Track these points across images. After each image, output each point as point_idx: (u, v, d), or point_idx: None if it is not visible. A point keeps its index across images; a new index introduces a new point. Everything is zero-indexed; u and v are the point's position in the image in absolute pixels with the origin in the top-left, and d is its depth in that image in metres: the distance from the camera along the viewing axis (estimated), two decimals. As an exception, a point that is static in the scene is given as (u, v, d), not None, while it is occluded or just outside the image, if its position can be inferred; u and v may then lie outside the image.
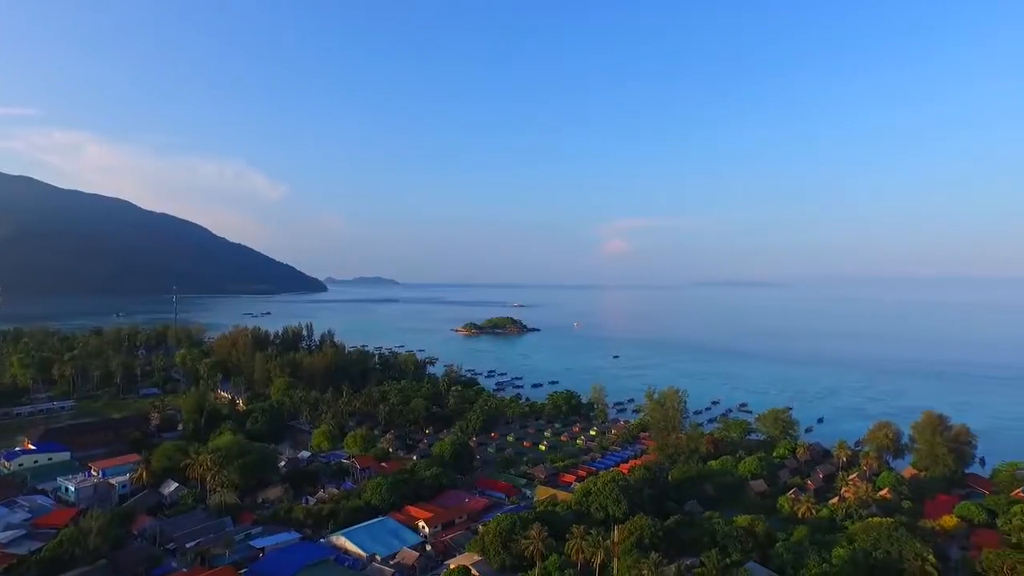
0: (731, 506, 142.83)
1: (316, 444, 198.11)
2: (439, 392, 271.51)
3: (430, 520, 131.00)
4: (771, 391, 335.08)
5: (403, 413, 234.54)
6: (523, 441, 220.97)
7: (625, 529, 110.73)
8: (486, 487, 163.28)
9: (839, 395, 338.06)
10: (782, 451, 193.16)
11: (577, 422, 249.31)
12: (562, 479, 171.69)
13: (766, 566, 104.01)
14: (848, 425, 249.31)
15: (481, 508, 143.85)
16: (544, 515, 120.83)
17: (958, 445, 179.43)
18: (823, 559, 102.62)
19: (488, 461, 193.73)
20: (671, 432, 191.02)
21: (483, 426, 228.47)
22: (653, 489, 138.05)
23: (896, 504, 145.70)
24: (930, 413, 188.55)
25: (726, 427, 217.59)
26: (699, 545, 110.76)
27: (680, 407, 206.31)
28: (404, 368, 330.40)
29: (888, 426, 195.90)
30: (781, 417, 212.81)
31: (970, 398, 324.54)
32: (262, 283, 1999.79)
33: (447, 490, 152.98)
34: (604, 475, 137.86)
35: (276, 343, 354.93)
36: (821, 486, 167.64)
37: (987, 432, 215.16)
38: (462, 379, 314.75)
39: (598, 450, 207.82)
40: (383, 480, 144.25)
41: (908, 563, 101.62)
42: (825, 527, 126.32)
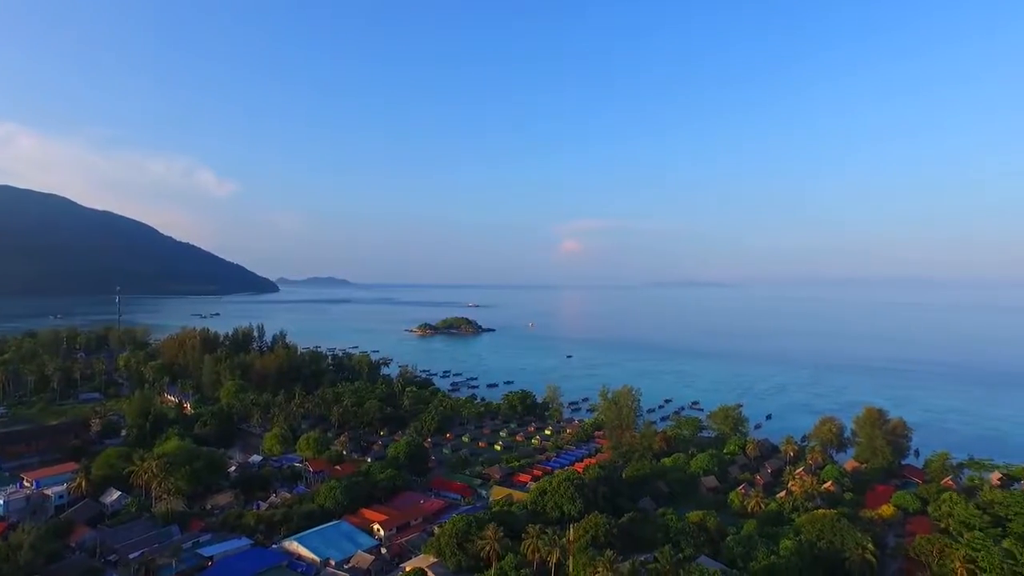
0: (684, 502, 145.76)
1: (268, 448, 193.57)
2: (393, 393, 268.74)
3: (385, 523, 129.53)
4: (722, 389, 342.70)
5: (357, 415, 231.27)
6: (478, 441, 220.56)
7: (580, 527, 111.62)
8: (441, 488, 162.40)
9: (787, 392, 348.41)
10: (732, 448, 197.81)
11: (532, 422, 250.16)
12: (517, 479, 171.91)
13: (718, 559, 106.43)
14: (795, 421, 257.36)
15: (437, 509, 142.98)
16: (500, 515, 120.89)
17: (895, 438, 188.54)
18: (771, 551, 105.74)
19: (443, 462, 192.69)
20: (625, 430, 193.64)
21: (438, 427, 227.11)
22: (607, 487, 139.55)
23: (839, 496, 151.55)
24: (870, 408, 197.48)
25: (679, 425, 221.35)
26: (653, 541, 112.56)
27: (634, 406, 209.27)
28: (358, 369, 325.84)
29: (832, 421, 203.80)
30: (731, 414, 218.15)
31: (907, 393, 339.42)
32: (211, 283, 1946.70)
33: (402, 492, 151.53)
34: (559, 474, 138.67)
35: (226, 345, 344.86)
36: (770, 481, 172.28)
37: (921, 425, 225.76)
38: (417, 380, 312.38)
39: (553, 449, 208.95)
40: (337, 483, 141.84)
41: (850, 552, 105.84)
42: (773, 520, 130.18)
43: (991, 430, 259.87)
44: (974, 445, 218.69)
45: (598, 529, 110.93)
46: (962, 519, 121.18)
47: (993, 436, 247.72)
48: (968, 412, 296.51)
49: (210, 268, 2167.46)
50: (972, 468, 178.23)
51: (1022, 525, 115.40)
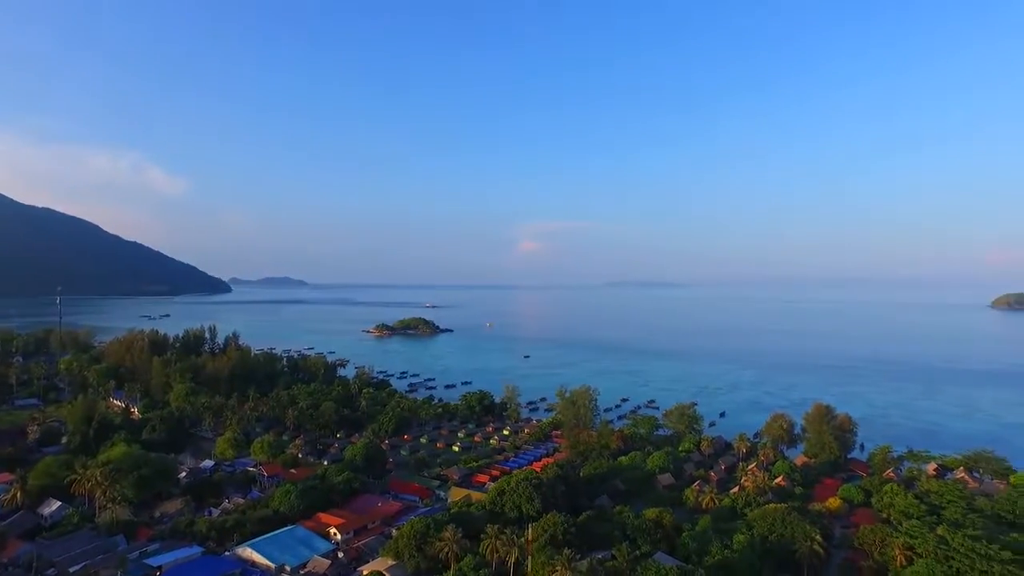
0: (640, 500, 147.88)
1: (220, 452, 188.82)
2: (350, 395, 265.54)
3: (342, 526, 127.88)
4: (677, 388, 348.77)
5: (313, 417, 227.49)
6: (436, 442, 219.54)
7: (539, 527, 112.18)
8: (399, 490, 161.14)
9: (739, 390, 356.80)
10: (687, 445, 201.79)
11: (490, 422, 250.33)
12: (476, 479, 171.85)
13: (673, 555, 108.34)
14: (747, 418, 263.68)
15: (395, 512, 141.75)
16: (458, 516, 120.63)
17: (842, 433, 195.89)
18: (725, 546, 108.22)
19: (401, 464, 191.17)
20: (582, 430, 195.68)
21: (396, 428, 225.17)
22: (565, 486, 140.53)
23: (789, 490, 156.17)
24: (818, 404, 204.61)
25: (635, 423, 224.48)
26: (610, 539, 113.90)
27: (591, 405, 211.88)
28: (314, 371, 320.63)
29: (783, 418, 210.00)
30: (686, 413, 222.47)
31: (852, 389, 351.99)
32: (160, 283, 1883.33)
33: (359, 495, 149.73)
34: (517, 474, 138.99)
35: (176, 347, 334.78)
36: (723, 477, 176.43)
37: (865, 420, 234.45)
38: (374, 381, 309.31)
39: (511, 449, 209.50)
40: (292, 487, 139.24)
41: (799, 544, 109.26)
42: (727, 515, 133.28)
43: (928, 423, 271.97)
44: (913, 438, 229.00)
45: (556, 528, 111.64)
46: (902, 509, 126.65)
47: (930, 429, 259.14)
48: (907, 407, 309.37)
49: (159, 268, 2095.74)
50: (911, 460, 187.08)
51: (954, 512, 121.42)
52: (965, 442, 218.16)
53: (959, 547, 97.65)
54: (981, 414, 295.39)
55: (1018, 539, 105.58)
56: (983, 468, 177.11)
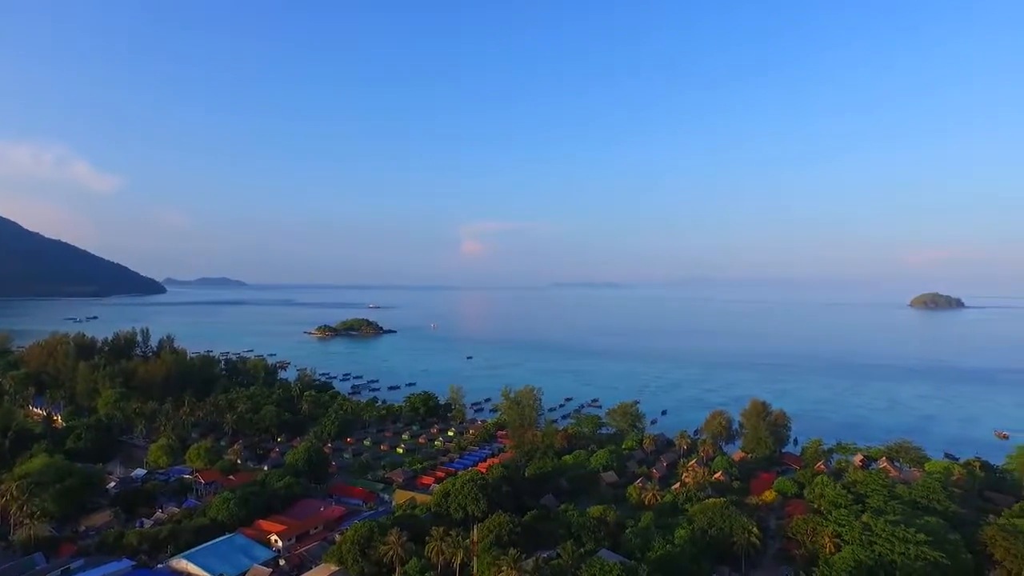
0: (585, 498, 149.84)
1: (153, 460, 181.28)
2: (291, 398, 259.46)
3: (283, 533, 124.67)
4: (620, 386, 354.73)
5: (253, 421, 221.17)
6: (380, 445, 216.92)
7: (484, 527, 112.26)
8: (343, 494, 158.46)
9: (680, 388, 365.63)
10: (630, 443, 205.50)
11: (435, 423, 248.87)
12: (421, 481, 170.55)
13: (617, 552, 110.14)
14: (688, 415, 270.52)
15: (338, 516, 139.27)
16: (403, 519, 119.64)
17: (777, 428, 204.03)
18: (667, 541, 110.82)
19: (344, 467, 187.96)
20: (527, 429, 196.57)
21: (338, 431, 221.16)
22: (511, 486, 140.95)
23: (728, 485, 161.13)
24: (755, 401, 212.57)
25: (579, 422, 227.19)
26: (555, 537, 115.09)
27: (535, 405, 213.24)
28: (253, 374, 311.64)
29: (722, 414, 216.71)
30: (629, 411, 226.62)
31: (785, 386, 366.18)
32: (87, 284, 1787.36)
33: (301, 500, 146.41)
34: (463, 475, 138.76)
35: (105, 351, 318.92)
36: (665, 473, 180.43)
37: (798, 415, 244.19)
38: (316, 383, 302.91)
39: (456, 450, 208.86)
40: (230, 494, 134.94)
41: (737, 536, 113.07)
42: (668, 511, 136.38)
43: (855, 417, 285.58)
44: (842, 431, 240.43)
45: (502, 528, 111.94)
46: (831, 499, 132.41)
47: (856, 422, 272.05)
48: (836, 401, 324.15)
49: (87, 268, 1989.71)
50: (840, 452, 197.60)
51: (877, 500, 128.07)
52: (887, 433, 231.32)
53: (881, 532, 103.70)
54: (901, 407, 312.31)
55: (931, 522, 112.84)
56: (903, 457, 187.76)
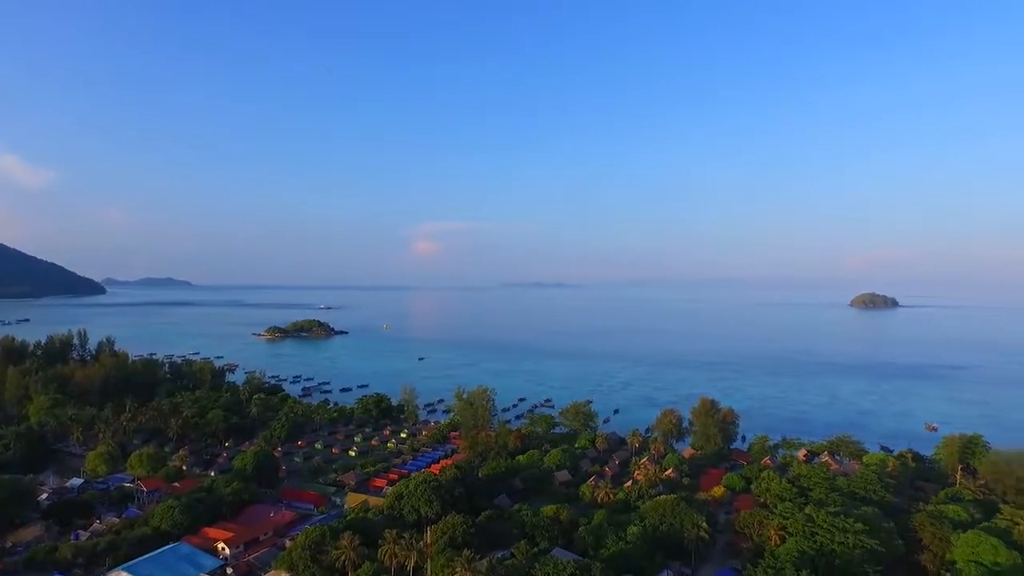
0: (538, 497, 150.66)
1: (91, 469, 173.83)
2: (240, 401, 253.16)
3: (231, 540, 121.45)
4: (572, 386, 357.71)
5: (199, 426, 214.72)
6: (332, 448, 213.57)
7: (438, 529, 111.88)
8: (293, 499, 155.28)
9: (632, 387, 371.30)
10: (583, 442, 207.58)
11: (388, 425, 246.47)
12: (373, 484, 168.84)
13: (571, 550, 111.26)
14: (640, 414, 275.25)
15: (288, 521, 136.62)
16: (356, 522, 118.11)
17: (726, 425, 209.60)
18: (620, 538, 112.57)
19: (295, 471, 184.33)
20: (480, 430, 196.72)
21: (289, 434, 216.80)
22: (464, 487, 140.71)
23: (678, 481, 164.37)
24: (704, 399, 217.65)
25: (532, 422, 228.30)
26: (509, 537, 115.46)
27: (488, 405, 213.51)
28: (200, 377, 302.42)
29: (672, 413, 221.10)
30: (582, 410, 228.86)
31: (734, 384, 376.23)
32: (18, 284, 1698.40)
33: (250, 506, 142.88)
34: (416, 477, 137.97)
35: (37, 355, 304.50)
36: (618, 471, 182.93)
37: (746, 412, 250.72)
38: (265, 386, 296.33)
39: (409, 452, 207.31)
40: (175, 502, 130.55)
41: (687, 531, 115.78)
42: (621, 508, 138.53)
43: (799, 413, 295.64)
44: (787, 427, 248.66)
45: (456, 529, 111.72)
46: (776, 493, 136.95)
47: (800, 418, 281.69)
48: (782, 398, 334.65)
49: (18, 267, 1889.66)
50: (785, 447, 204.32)
51: (819, 493, 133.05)
52: (829, 428, 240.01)
53: (822, 524, 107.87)
54: (841, 403, 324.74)
55: (868, 511, 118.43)
56: (843, 451, 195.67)
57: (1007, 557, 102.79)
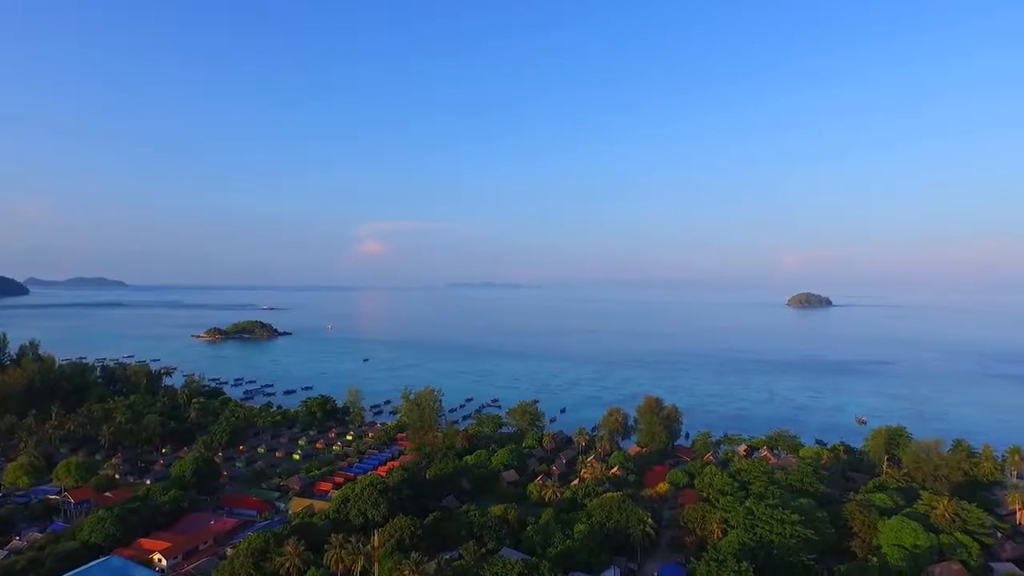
0: (486, 497, 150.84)
1: (11, 481, 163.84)
2: (178, 405, 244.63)
3: (168, 550, 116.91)
4: (519, 386, 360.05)
5: (133, 432, 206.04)
6: (275, 452, 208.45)
7: (385, 532, 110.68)
8: (235, 505, 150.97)
9: (578, 386, 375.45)
10: (530, 441, 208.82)
11: (333, 427, 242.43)
12: (319, 488, 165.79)
13: (519, 549, 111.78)
14: (586, 413, 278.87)
15: (230, 529, 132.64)
16: (300, 528, 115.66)
17: (670, 423, 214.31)
18: (567, 536, 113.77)
19: (237, 476, 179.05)
20: (428, 431, 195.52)
21: (230, 439, 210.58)
22: (412, 488, 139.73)
23: (624, 479, 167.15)
24: (649, 397, 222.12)
25: (480, 422, 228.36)
26: (457, 538, 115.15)
27: (436, 406, 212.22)
28: (134, 381, 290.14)
29: (618, 411, 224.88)
30: (529, 410, 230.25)
31: (678, 382, 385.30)
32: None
33: (189, 514, 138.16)
34: (362, 480, 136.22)
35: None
36: (565, 470, 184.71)
37: (689, 409, 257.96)
38: (205, 389, 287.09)
39: (355, 455, 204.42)
40: (106, 513, 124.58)
41: (633, 527, 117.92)
42: (568, 507, 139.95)
43: (740, 410, 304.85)
44: (728, 423, 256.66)
45: (403, 532, 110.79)
46: (719, 488, 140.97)
47: (741, 415, 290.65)
48: (724, 396, 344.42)
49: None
50: (727, 443, 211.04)
51: (759, 486, 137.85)
52: (768, 424, 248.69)
53: (762, 516, 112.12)
54: (779, 399, 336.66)
55: (804, 503, 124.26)
56: (781, 445, 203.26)
57: (925, 539, 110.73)
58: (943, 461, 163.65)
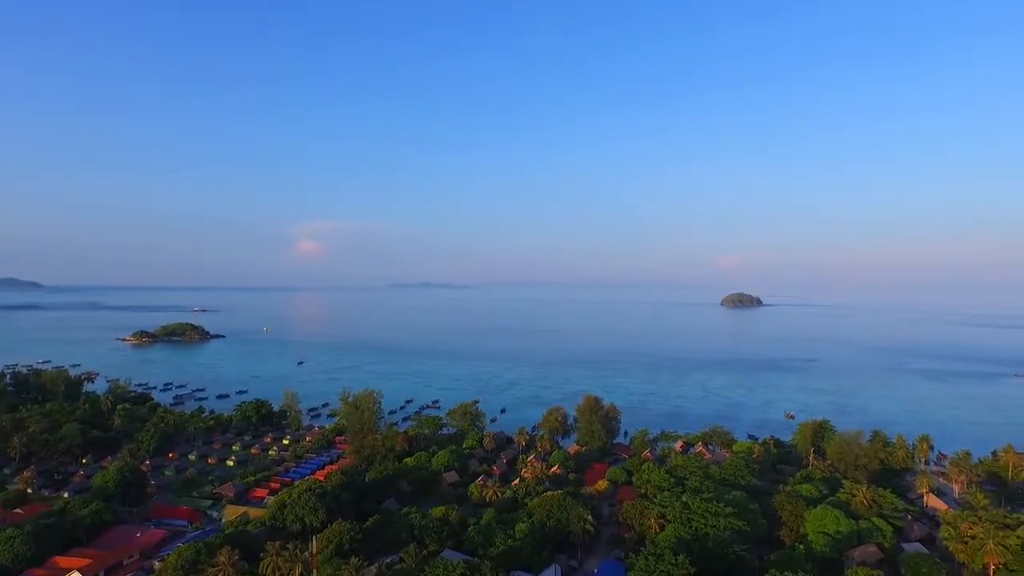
0: (427, 499, 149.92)
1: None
2: (101, 412, 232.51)
3: (88, 568, 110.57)
4: (459, 387, 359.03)
5: (50, 443, 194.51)
6: (208, 458, 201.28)
7: (323, 537, 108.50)
8: (164, 516, 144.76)
9: (518, 386, 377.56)
10: (471, 442, 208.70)
11: (269, 432, 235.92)
12: (254, 494, 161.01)
13: (460, 551, 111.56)
14: (526, 412, 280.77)
15: (157, 541, 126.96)
16: (234, 536, 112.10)
17: (608, 421, 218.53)
18: (508, 535, 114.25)
19: (166, 486, 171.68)
20: (367, 433, 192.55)
21: (159, 447, 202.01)
22: (351, 492, 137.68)
23: (564, 477, 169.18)
24: (588, 396, 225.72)
25: (420, 424, 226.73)
26: (398, 541, 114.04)
27: (375, 408, 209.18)
28: (51, 388, 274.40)
29: (558, 410, 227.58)
30: (469, 410, 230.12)
31: (616, 381, 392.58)
32: None
33: (112, 528, 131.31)
34: (300, 484, 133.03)
35: None
36: (505, 470, 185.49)
37: (627, 407, 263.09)
38: (131, 395, 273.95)
39: (292, 459, 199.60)
40: (16, 531, 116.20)
41: (573, 525, 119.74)
42: (509, 506, 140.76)
43: (676, 407, 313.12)
44: (665, 420, 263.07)
45: (342, 536, 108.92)
46: (656, 484, 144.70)
47: (677, 412, 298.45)
48: (660, 393, 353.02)
49: None
50: (663, 440, 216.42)
51: (694, 481, 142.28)
52: (703, 420, 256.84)
53: (697, 510, 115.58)
54: (713, 396, 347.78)
55: (737, 496, 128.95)
56: (715, 441, 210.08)
57: (847, 525, 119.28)
58: (863, 451, 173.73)
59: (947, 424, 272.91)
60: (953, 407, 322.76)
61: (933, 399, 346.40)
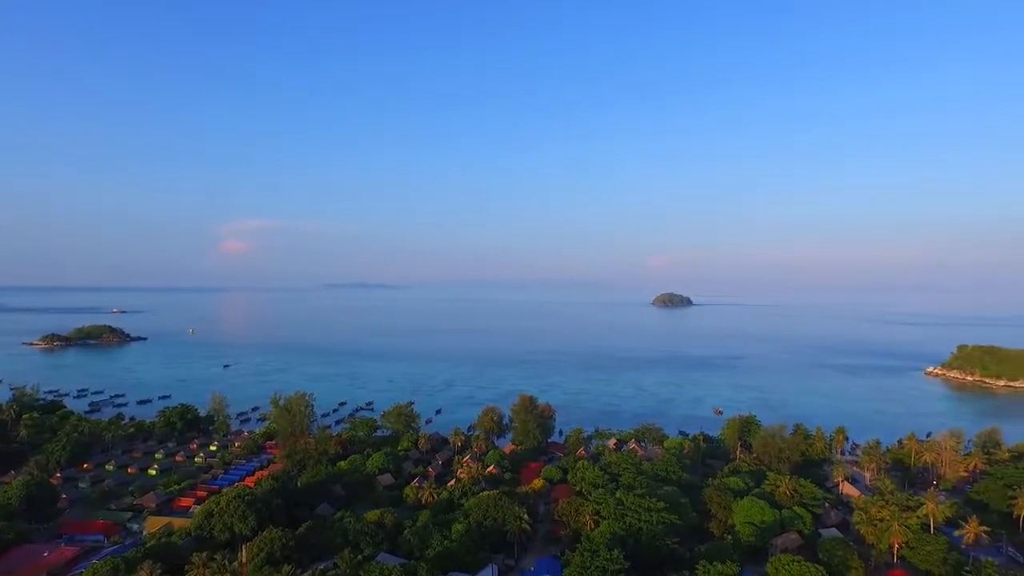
0: (362, 503, 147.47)
1: None
2: (3, 423, 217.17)
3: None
4: (394, 388, 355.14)
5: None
6: (128, 468, 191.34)
7: (254, 546, 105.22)
8: (76, 531, 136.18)
9: (454, 386, 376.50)
10: (406, 444, 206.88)
11: (195, 438, 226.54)
12: (178, 504, 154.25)
13: (396, 554, 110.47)
14: (462, 413, 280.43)
15: (69, 559, 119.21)
16: (157, 549, 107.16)
17: (544, 420, 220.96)
18: (444, 536, 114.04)
19: (80, 499, 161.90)
20: (299, 437, 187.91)
21: (72, 457, 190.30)
22: (282, 498, 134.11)
23: (500, 477, 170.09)
24: (523, 396, 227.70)
25: (354, 427, 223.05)
26: (332, 547, 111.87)
27: (307, 411, 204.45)
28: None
29: (494, 410, 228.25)
30: (404, 412, 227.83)
31: (551, 380, 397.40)
32: None
33: (17, 547, 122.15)
34: (228, 492, 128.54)
35: None
36: (441, 471, 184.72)
37: (562, 406, 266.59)
38: (39, 403, 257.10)
39: (220, 466, 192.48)
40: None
41: (510, 524, 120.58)
42: (445, 508, 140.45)
43: (609, 405, 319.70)
44: (599, 418, 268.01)
45: (273, 544, 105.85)
46: (591, 481, 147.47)
47: (611, 410, 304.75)
48: (594, 392, 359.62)
49: None
50: (598, 438, 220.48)
51: (628, 478, 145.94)
52: (635, 418, 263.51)
53: (631, 505, 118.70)
54: (645, 394, 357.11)
55: (669, 491, 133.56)
56: (647, 438, 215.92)
57: (771, 515, 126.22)
58: (785, 444, 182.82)
59: (860, 415, 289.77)
60: (865, 399, 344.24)
61: (848, 392, 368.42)
